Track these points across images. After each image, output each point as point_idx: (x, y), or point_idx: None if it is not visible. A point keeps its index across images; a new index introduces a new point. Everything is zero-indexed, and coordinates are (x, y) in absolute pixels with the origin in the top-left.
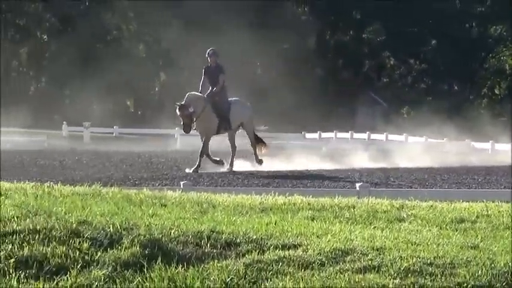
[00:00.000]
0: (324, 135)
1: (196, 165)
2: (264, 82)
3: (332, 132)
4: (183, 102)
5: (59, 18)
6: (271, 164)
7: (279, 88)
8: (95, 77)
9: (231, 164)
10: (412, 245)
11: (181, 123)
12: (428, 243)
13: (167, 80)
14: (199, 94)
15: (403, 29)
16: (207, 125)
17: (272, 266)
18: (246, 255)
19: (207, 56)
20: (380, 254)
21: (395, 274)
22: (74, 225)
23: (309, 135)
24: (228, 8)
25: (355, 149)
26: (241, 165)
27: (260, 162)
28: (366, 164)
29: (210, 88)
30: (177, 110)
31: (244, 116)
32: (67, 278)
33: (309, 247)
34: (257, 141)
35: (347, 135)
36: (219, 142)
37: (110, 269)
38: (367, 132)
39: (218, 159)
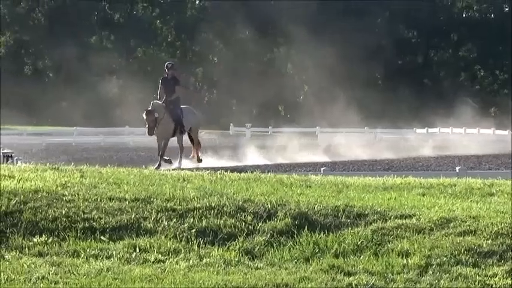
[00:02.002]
0: (430, 130)
1: (157, 165)
2: (385, 90)
3: (436, 128)
4: (150, 109)
5: (226, 44)
6: (390, 153)
7: (395, 95)
8: (255, 88)
9: (180, 162)
10: (500, 213)
11: (146, 126)
12: None
13: (309, 90)
14: (161, 102)
15: (489, 47)
16: (166, 129)
17: (393, 231)
18: (373, 224)
19: (165, 68)
20: (476, 221)
21: (488, 236)
22: (240, 202)
23: (418, 131)
24: (361, 35)
25: (454, 141)
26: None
27: (200, 160)
28: (463, 151)
29: (165, 96)
30: (144, 115)
31: (193, 121)
32: (235, 243)
33: (421, 216)
34: (198, 143)
35: (448, 130)
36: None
37: (268, 236)
38: (463, 128)
39: (167, 158)
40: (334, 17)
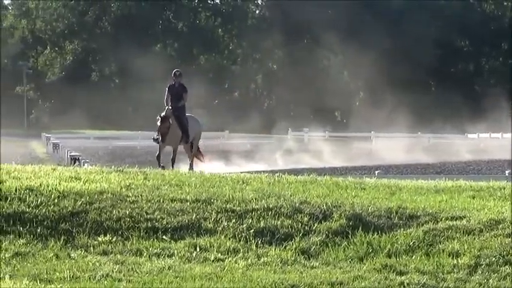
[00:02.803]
0: (481, 135)
1: (189, 167)
2: (438, 96)
3: (487, 133)
4: (165, 114)
5: (284, 52)
6: (442, 157)
7: (448, 101)
8: (312, 94)
9: (191, 167)
10: None
11: (159, 133)
12: None
13: (364, 97)
14: (171, 109)
15: None
16: (174, 137)
17: (444, 232)
18: (424, 225)
19: (173, 75)
20: None
21: None
22: (297, 204)
23: (470, 135)
24: (415, 44)
25: (504, 145)
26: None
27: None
28: None
29: (171, 103)
30: (159, 122)
31: (196, 130)
32: (292, 243)
33: (471, 218)
34: (198, 152)
35: (498, 135)
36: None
37: (323, 236)
38: None
39: (163, 165)
40: (389, 27)
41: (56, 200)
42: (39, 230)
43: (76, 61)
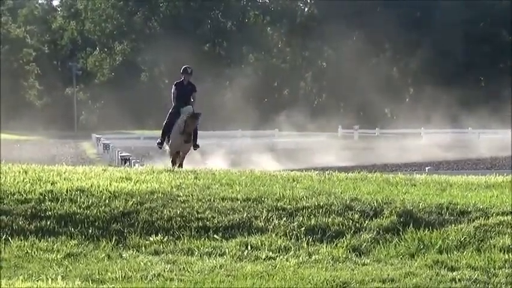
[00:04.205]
0: None
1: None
2: (488, 92)
3: None
4: (197, 112)
5: (334, 49)
6: (493, 153)
7: (498, 97)
8: (362, 92)
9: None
10: None
11: (186, 132)
12: None
13: (414, 93)
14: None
15: None
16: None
17: (495, 228)
18: (475, 221)
19: (182, 71)
20: None
21: None
22: (348, 201)
23: None
24: (463, 40)
25: None
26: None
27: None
28: None
29: (178, 103)
30: (190, 119)
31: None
32: (343, 240)
33: None
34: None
35: None
36: None
37: (374, 233)
38: None
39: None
40: (438, 24)
41: (107, 201)
42: (90, 231)
43: (125, 62)
